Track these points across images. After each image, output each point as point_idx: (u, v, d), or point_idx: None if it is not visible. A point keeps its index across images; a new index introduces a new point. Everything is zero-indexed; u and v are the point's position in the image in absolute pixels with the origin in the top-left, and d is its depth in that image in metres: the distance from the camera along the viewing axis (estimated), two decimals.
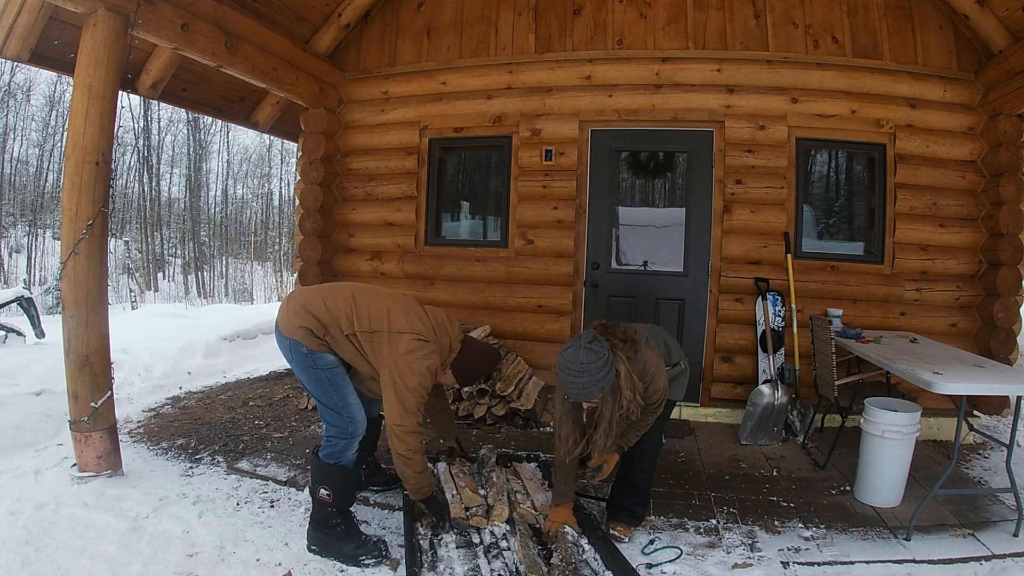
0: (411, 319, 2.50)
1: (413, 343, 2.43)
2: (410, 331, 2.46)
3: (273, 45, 4.32)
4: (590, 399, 2.28)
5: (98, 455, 3.01)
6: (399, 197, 5.04)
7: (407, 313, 2.53)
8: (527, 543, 2.39)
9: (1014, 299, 4.03)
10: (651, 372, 2.39)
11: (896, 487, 2.96)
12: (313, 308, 2.49)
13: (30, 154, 24.27)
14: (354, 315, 2.48)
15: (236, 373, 5.65)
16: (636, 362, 2.34)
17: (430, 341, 2.49)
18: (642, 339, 2.42)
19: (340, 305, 2.50)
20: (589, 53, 4.57)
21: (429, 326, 2.55)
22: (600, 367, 2.20)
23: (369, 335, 2.46)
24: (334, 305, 2.50)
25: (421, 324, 2.51)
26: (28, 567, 2.25)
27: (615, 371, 2.27)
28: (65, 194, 2.97)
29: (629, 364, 2.31)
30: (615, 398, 2.31)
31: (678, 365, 2.65)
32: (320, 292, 2.62)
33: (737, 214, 4.33)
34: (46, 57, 3.88)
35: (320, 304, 2.50)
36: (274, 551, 2.45)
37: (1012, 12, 3.81)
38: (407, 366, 2.39)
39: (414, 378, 2.38)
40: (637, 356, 2.36)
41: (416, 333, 2.46)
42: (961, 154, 4.22)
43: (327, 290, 2.65)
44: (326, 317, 2.47)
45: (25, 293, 6.60)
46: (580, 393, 2.23)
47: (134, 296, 19.61)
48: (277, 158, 30.58)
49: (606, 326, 2.42)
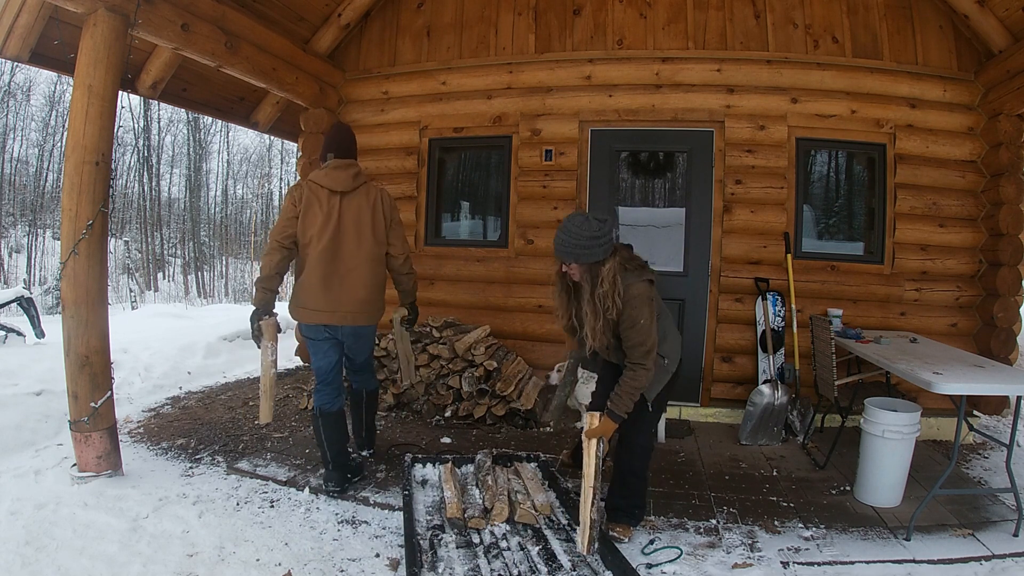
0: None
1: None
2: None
3: (273, 45, 4.32)
4: (564, 259, 2.44)
5: (98, 455, 3.01)
6: (399, 197, 5.01)
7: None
8: (527, 544, 2.39)
9: (1014, 299, 4.03)
10: (633, 301, 2.42)
11: (896, 487, 2.96)
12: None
13: (30, 154, 24.27)
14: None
15: (236, 373, 5.65)
16: (625, 279, 2.44)
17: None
18: (644, 283, 2.46)
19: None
20: (589, 53, 4.57)
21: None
22: (587, 237, 2.35)
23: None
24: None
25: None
26: (28, 567, 2.25)
27: (600, 259, 2.39)
28: (65, 194, 2.97)
29: (619, 272, 2.43)
30: (594, 282, 2.42)
31: (664, 360, 2.59)
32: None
33: (737, 214, 4.33)
34: (46, 57, 3.88)
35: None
36: (274, 551, 2.45)
37: (1012, 12, 3.81)
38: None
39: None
40: (628, 277, 2.45)
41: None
42: (961, 154, 4.22)
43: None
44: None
45: (25, 293, 6.61)
46: (559, 248, 2.42)
47: (134, 296, 19.60)
48: (277, 158, 30.59)
49: (629, 247, 2.59)
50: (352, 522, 2.74)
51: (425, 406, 4.25)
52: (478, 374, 4.13)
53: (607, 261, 2.40)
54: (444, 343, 4.26)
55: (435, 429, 4.01)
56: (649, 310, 2.45)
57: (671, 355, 2.64)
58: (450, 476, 2.94)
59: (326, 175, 2.96)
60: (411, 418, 4.23)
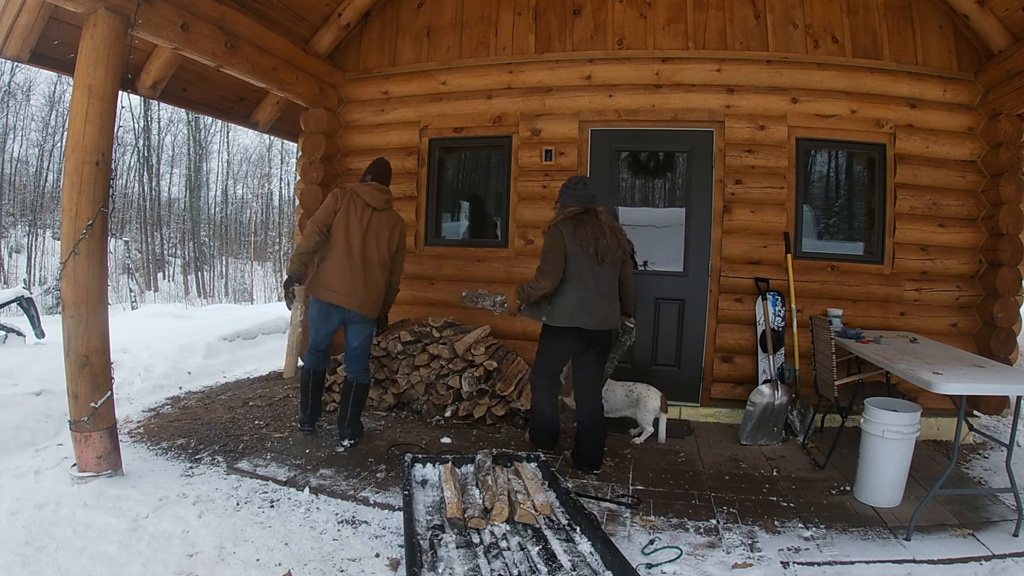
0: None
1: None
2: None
3: (273, 45, 4.32)
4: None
5: (98, 455, 3.01)
6: (399, 197, 5.02)
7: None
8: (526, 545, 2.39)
9: (1014, 299, 4.03)
10: (546, 234, 3.26)
11: (896, 487, 2.96)
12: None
13: (30, 154, 24.26)
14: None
15: (236, 373, 5.65)
16: (555, 223, 3.23)
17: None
18: (553, 224, 3.24)
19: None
20: (589, 53, 4.57)
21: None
22: (564, 185, 3.39)
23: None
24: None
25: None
26: (28, 567, 2.25)
27: (560, 201, 3.37)
28: (65, 194, 2.96)
29: (558, 213, 3.32)
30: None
31: (548, 306, 3.26)
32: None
33: (737, 214, 4.33)
34: (46, 57, 3.88)
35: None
36: (274, 551, 2.45)
37: (1012, 12, 3.81)
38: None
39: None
40: (556, 219, 3.27)
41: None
42: (961, 154, 4.22)
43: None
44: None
45: (25, 293, 6.60)
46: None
47: (134, 296, 19.61)
48: (277, 158, 30.56)
49: (595, 211, 3.26)
50: (352, 522, 2.74)
51: (425, 406, 4.25)
52: (478, 374, 4.13)
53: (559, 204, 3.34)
54: (444, 343, 4.26)
55: (435, 429, 4.01)
56: (546, 242, 3.21)
57: (554, 313, 3.23)
58: (450, 476, 2.94)
59: (367, 191, 3.62)
60: (411, 418, 4.23)
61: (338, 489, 3.02)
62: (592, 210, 3.23)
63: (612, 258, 3.23)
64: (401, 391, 4.33)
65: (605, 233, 3.20)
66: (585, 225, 3.17)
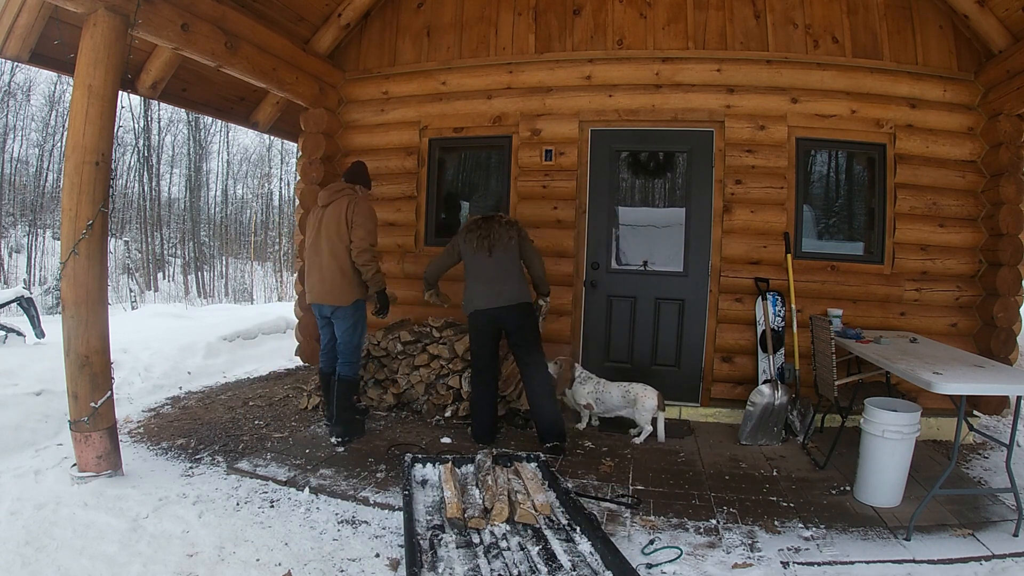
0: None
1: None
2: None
3: (273, 45, 4.32)
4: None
5: (98, 455, 3.01)
6: (399, 197, 5.04)
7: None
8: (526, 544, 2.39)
9: (1014, 299, 4.03)
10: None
11: (896, 487, 2.96)
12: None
13: (30, 154, 24.22)
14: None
15: (236, 373, 5.65)
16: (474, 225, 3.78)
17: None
18: (462, 235, 3.80)
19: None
20: (589, 53, 4.57)
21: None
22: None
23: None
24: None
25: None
26: (28, 567, 2.25)
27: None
28: (65, 194, 2.97)
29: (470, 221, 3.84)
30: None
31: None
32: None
33: (737, 214, 4.33)
34: (46, 57, 3.88)
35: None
36: (274, 551, 2.45)
37: (1012, 12, 3.81)
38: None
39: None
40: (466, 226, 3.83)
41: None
42: (961, 154, 4.22)
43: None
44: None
45: (25, 293, 6.60)
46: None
47: (134, 296, 19.59)
48: (277, 158, 30.52)
49: (491, 217, 3.79)
50: (352, 522, 2.74)
51: (425, 406, 4.25)
52: None
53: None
54: (444, 343, 4.26)
55: (435, 429, 4.01)
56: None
57: (465, 304, 3.77)
58: (450, 476, 2.94)
59: (321, 194, 3.81)
60: (411, 418, 4.23)
61: (338, 489, 3.02)
62: (490, 216, 3.79)
63: (503, 247, 3.66)
64: (401, 391, 4.33)
65: (495, 229, 3.69)
66: (477, 229, 3.72)
